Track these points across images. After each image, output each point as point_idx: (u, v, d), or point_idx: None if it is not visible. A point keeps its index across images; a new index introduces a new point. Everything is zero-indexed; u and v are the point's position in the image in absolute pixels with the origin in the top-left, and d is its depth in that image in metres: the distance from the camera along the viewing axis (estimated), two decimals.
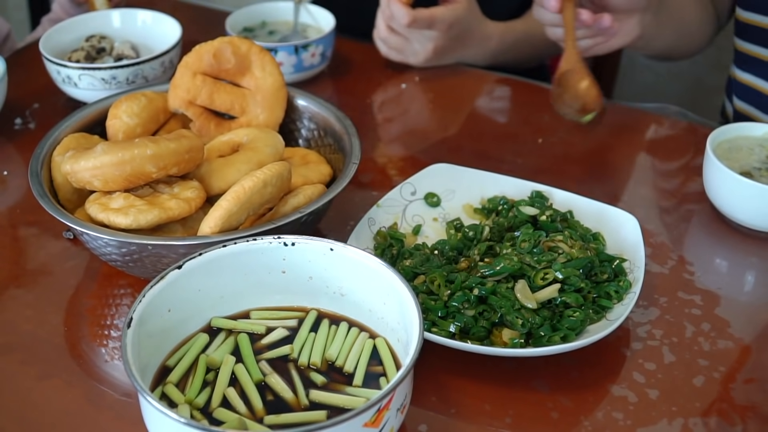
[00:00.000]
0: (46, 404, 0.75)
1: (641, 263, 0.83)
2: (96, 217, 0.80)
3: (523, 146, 1.10)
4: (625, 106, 1.21)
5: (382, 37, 1.23)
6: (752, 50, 1.17)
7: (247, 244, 0.74)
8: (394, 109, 1.20)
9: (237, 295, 0.75)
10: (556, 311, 0.79)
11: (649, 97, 1.98)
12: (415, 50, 1.22)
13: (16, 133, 1.11)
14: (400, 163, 1.06)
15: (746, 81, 1.19)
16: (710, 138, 0.97)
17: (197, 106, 0.96)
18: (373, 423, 0.61)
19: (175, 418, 0.58)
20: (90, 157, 0.80)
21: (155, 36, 1.20)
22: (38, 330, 0.82)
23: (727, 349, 0.81)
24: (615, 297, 0.81)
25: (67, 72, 1.10)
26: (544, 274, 0.79)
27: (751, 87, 1.19)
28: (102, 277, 0.89)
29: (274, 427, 0.65)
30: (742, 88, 1.20)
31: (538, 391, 0.76)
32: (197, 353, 0.72)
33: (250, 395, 0.68)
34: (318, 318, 0.76)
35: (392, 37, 1.22)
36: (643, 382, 0.77)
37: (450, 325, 0.77)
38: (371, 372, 0.70)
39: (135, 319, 0.66)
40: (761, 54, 1.16)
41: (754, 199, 0.91)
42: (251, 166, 0.85)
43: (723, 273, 0.92)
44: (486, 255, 0.85)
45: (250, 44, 0.97)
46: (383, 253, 0.87)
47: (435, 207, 0.95)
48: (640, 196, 1.02)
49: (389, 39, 1.22)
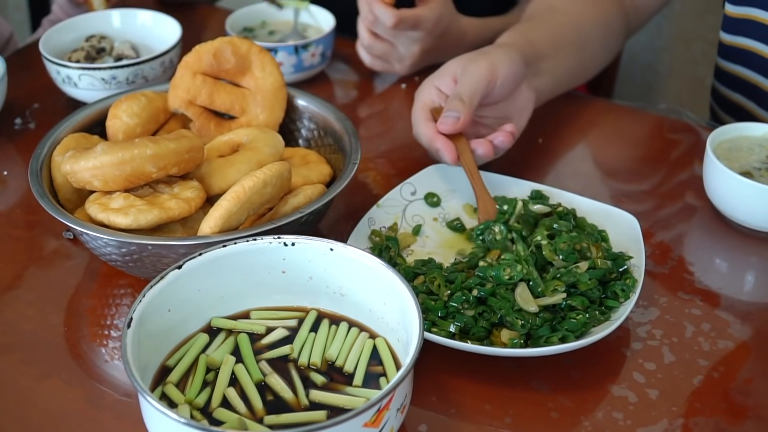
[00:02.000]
0: (46, 404, 0.75)
1: (641, 263, 0.83)
2: (96, 217, 0.80)
3: (523, 146, 1.10)
4: (625, 106, 1.21)
5: (366, 45, 1.17)
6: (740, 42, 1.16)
7: (247, 244, 0.74)
8: (394, 110, 1.20)
9: (237, 295, 0.75)
10: (559, 314, 0.79)
11: (649, 97, 1.98)
12: (401, 55, 1.17)
13: (16, 133, 1.11)
14: (400, 163, 1.06)
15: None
16: (710, 138, 0.97)
17: (197, 106, 0.96)
18: (373, 423, 0.61)
19: (175, 418, 0.58)
20: (90, 157, 0.80)
21: (155, 36, 1.20)
22: (38, 330, 0.82)
23: (727, 349, 0.81)
24: (622, 296, 0.81)
25: (67, 72, 1.10)
26: (555, 286, 0.79)
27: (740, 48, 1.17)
28: (102, 277, 0.89)
29: (274, 427, 0.65)
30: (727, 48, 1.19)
31: (538, 391, 0.76)
32: (197, 353, 0.72)
33: (250, 395, 0.68)
34: (318, 318, 0.76)
35: (377, 44, 1.16)
36: (643, 382, 0.77)
37: (450, 325, 0.77)
38: (371, 372, 0.71)
39: (135, 319, 0.66)
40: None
41: (754, 199, 0.91)
42: (251, 166, 0.85)
43: (723, 273, 0.92)
44: None
45: (250, 44, 0.97)
46: (381, 253, 0.87)
47: (435, 207, 0.95)
48: (640, 196, 1.02)
49: (373, 46, 1.17)
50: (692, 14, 1.87)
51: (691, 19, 1.87)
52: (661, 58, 1.95)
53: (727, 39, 1.16)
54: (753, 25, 1.11)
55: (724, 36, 1.17)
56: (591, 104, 1.22)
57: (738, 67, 1.16)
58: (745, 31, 1.13)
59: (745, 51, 1.13)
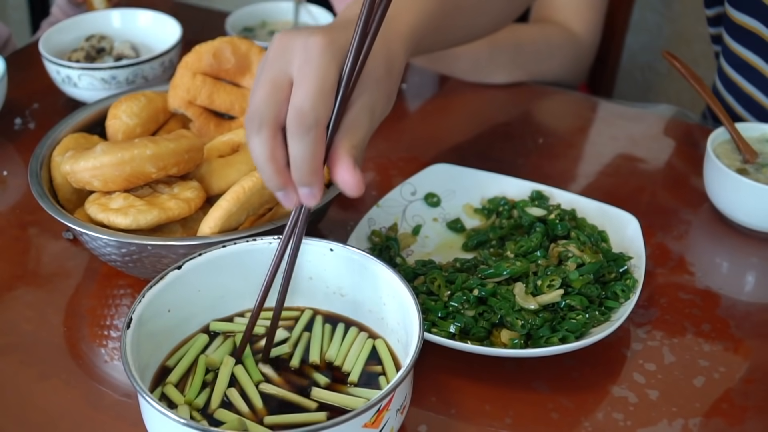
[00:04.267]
0: (46, 404, 0.75)
1: (641, 263, 0.83)
2: (96, 218, 0.80)
3: (523, 146, 1.10)
4: (625, 106, 1.21)
5: None
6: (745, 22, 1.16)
7: (247, 244, 0.74)
8: (393, 110, 1.19)
9: (237, 295, 0.75)
10: (559, 314, 0.79)
11: (649, 97, 1.98)
12: None
13: (16, 133, 1.11)
14: (400, 163, 1.06)
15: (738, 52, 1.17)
16: (710, 138, 0.97)
17: (197, 106, 0.96)
18: (373, 423, 0.61)
19: (174, 418, 0.58)
20: (90, 157, 0.80)
21: (155, 36, 1.20)
22: (38, 330, 0.82)
23: (727, 349, 0.81)
24: (622, 296, 0.81)
25: (67, 72, 1.10)
26: (551, 281, 0.79)
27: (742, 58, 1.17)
28: (102, 277, 0.89)
29: (274, 428, 0.65)
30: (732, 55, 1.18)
31: (538, 391, 0.76)
32: (197, 354, 0.72)
33: (250, 396, 0.68)
34: (318, 318, 0.76)
35: None
36: (643, 383, 0.77)
37: (450, 325, 0.77)
38: (371, 372, 0.70)
39: (135, 319, 0.66)
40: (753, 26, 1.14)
41: (754, 199, 0.91)
42: (251, 166, 0.85)
43: (723, 273, 0.92)
44: (492, 257, 0.85)
45: (250, 44, 0.97)
46: (381, 253, 0.87)
47: (435, 207, 0.95)
48: (640, 196, 1.02)
49: None
50: (692, 14, 1.87)
51: (691, 19, 1.87)
52: (661, 58, 1.95)
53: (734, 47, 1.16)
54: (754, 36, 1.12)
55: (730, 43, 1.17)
56: (591, 104, 1.22)
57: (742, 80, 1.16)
58: (747, 42, 1.13)
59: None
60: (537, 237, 0.85)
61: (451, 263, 0.86)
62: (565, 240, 0.85)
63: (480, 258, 0.86)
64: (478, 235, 0.90)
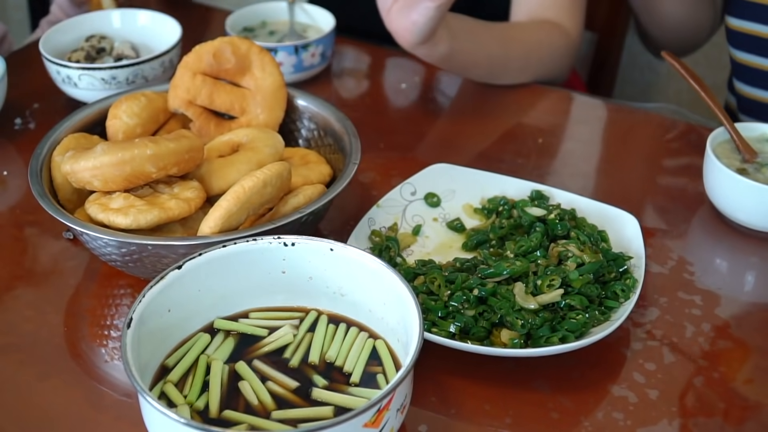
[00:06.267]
0: (46, 404, 0.75)
1: (641, 263, 0.83)
2: (96, 218, 0.80)
3: (523, 146, 1.10)
4: (625, 106, 1.21)
5: None
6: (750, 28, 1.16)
7: (247, 244, 0.74)
8: (393, 109, 1.20)
9: (237, 295, 0.75)
10: (559, 313, 0.79)
11: (649, 97, 1.98)
12: None
13: (16, 133, 1.11)
14: (400, 163, 1.06)
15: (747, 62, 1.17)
16: (710, 138, 0.97)
17: (197, 106, 0.96)
18: (373, 423, 0.61)
19: (175, 418, 0.58)
20: (90, 157, 0.80)
21: (155, 36, 1.20)
22: (38, 330, 0.82)
23: (727, 349, 0.81)
24: (622, 296, 0.81)
25: (67, 72, 1.10)
26: (551, 281, 0.79)
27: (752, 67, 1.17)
28: (102, 277, 0.89)
29: (281, 422, 0.65)
30: (743, 68, 1.19)
31: (538, 391, 0.76)
32: (198, 353, 0.72)
33: (250, 396, 0.68)
34: (318, 318, 0.76)
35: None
36: (643, 383, 0.77)
37: (450, 325, 0.77)
38: (371, 372, 0.70)
39: (135, 319, 0.66)
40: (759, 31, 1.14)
41: (754, 199, 0.91)
42: (251, 166, 0.85)
43: (723, 273, 0.92)
44: (492, 257, 0.85)
45: (250, 44, 0.97)
46: (381, 253, 0.87)
47: (435, 207, 0.95)
48: (640, 196, 1.02)
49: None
50: None
51: None
52: (661, 58, 1.95)
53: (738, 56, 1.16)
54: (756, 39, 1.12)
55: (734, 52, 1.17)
56: (591, 104, 1.22)
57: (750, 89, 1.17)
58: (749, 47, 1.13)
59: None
60: (537, 237, 0.85)
61: (451, 263, 0.86)
62: (564, 240, 0.85)
63: (480, 258, 0.86)
64: (478, 234, 0.90)
